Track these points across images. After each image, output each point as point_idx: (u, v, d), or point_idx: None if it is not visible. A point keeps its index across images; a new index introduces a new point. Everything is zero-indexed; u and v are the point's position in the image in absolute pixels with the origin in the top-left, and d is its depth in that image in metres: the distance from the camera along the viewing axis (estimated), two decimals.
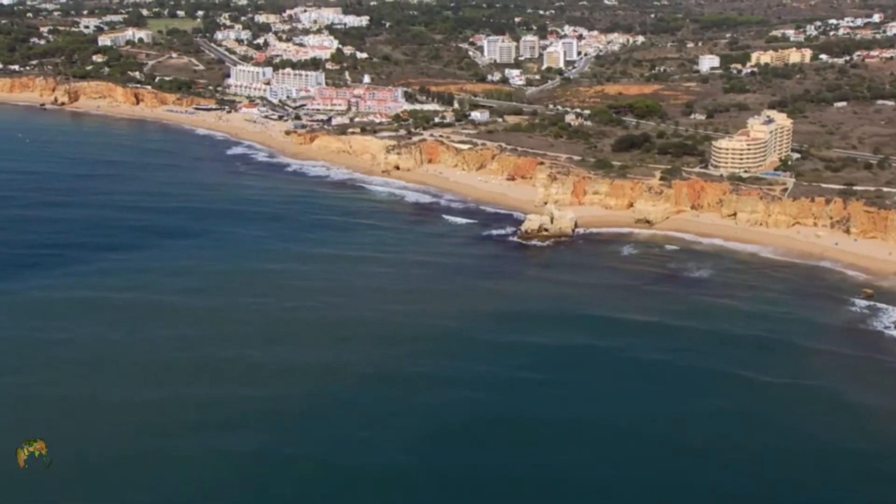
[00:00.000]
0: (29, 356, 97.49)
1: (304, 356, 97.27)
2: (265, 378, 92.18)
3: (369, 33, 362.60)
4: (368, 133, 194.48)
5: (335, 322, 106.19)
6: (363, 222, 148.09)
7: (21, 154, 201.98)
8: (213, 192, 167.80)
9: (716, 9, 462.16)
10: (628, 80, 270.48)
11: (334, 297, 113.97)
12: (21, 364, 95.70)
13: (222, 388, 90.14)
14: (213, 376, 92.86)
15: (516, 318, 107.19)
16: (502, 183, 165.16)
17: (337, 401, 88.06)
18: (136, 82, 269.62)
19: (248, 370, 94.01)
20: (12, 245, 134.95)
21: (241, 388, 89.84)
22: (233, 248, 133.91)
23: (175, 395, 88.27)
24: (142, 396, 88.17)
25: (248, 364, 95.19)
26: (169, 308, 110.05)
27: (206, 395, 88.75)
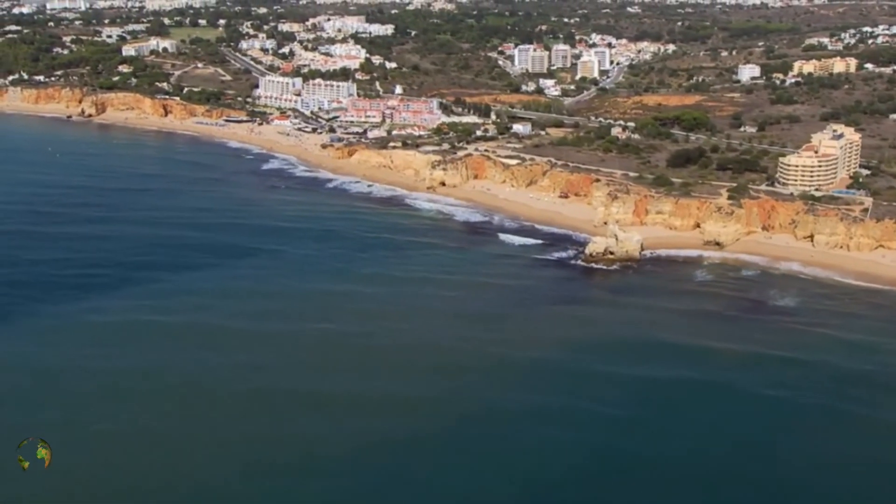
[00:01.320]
0: (96, 388, 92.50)
1: (383, 388, 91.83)
2: (347, 412, 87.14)
3: (395, 42, 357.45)
4: (410, 147, 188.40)
5: (408, 349, 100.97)
6: (416, 241, 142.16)
7: (54, 168, 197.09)
8: (257, 208, 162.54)
9: (741, 16, 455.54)
10: (666, 90, 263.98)
11: (402, 321, 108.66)
12: (89, 398, 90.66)
13: (304, 423, 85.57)
14: (294, 410, 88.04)
15: (598, 346, 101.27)
16: (555, 201, 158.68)
17: (430, 439, 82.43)
18: (164, 93, 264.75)
19: (327, 403, 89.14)
20: (60, 265, 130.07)
21: (323, 423, 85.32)
22: (288, 267, 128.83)
23: (262, 432, 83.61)
24: (230, 432, 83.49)
25: (326, 396, 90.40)
26: (233, 334, 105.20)
27: (289, 431, 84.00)
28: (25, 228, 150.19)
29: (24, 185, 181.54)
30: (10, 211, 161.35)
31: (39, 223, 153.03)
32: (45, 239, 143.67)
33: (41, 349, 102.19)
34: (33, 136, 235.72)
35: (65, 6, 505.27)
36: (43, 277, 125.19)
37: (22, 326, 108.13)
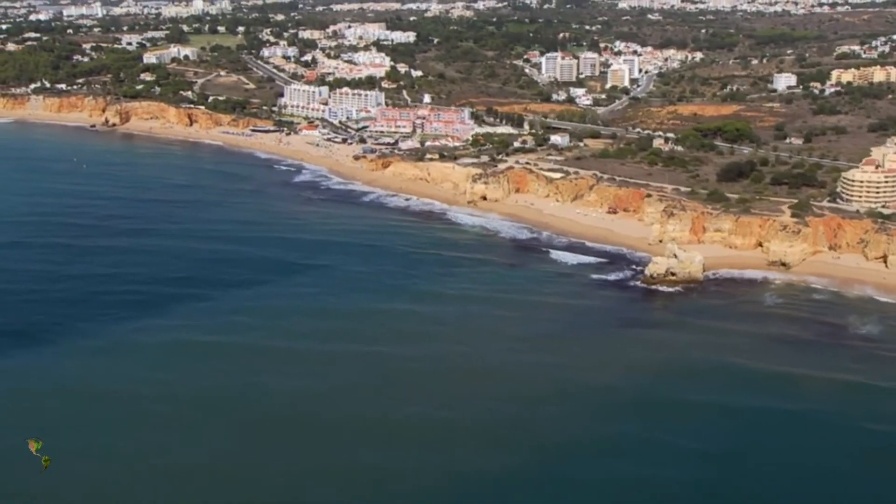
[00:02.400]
0: (147, 414, 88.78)
1: (449, 415, 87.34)
2: (414, 442, 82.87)
3: (417, 49, 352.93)
4: (448, 160, 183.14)
5: (472, 373, 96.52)
6: (464, 258, 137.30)
7: (82, 179, 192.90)
8: (296, 222, 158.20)
9: (764, 23, 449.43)
10: (701, 99, 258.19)
11: (461, 343, 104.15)
12: (142, 426, 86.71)
13: (370, 453, 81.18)
14: (358, 439, 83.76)
15: (673, 372, 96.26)
16: (604, 217, 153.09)
17: (507, 473, 77.60)
18: (189, 102, 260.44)
19: (392, 431, 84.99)
20: (101, 281, 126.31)
21: (391, 454, 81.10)
22: (336, 284, 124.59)
23: (329, 462, 79.64)
24: (295, 463, 79.38)
25: (390, 423, 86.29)
26: (286, 356, 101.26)
27: (356, 462, 79.89)
28: (61, 241, 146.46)
29: (53, 195, 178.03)
30: (43, 223, 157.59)
31: (74, 236, 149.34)
32: (83, 253, 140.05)
33: (90, 372, 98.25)
34: (58, 145, 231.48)
35: (81, 13, 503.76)
36: (84, 294, 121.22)
37: (68, 347, 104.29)
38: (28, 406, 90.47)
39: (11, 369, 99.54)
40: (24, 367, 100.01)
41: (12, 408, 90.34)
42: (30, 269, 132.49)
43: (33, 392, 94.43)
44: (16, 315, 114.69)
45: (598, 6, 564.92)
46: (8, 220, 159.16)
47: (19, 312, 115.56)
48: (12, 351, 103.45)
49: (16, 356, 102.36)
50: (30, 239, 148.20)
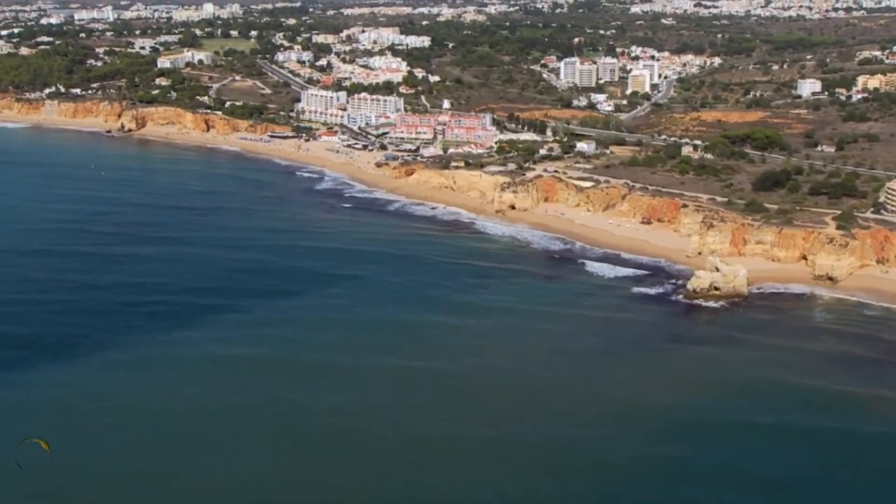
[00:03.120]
0: (186, 432, 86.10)
1: (502, 435, 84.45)
2: (469, 463, 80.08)
3: (433, 54, 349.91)
4: (474, 168, 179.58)
5: (519, 390, 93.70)
6: (498, 268, 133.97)
7: (102, 185, 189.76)
8: (323, 231, 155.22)
9: (779, 28, 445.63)
10: (724, 105, 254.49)
11: (505, 358, 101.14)
12: (181, 444, 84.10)
13: (422, 474, 79.03)
14: (409, 458, 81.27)
15: (733, 391, 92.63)
16: (638, 227, 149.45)
17: (578, 500, 74.98)
18: (206, 108, 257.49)
19: (442, 450, 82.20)
20: (129, 290, 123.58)
21: (444, 475, 78.54)
22: (369, 295, 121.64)
23: (383, 484, 77.19)
24: (347, 486, 76.87)
25: (440, 441, 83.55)
26: (325, 369, 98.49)
27: (408, 483, 77.34)
28: (83, 249, 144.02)
29: (73, 202, 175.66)
30: (64, 230, 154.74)
31: (97, 243, 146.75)
32: (107, 261, 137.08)
33: (122, 387, 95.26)
34: (74, 151, 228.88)
35: (93, 17, 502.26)
36: (112, 305, 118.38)
37: (99, 361, 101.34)
38: (60, 422, 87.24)
39: (40, 383, 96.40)
40: (53, 381, 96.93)
41: (43, 424, 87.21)
42: (54, 279, 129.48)
43: (64, 408, 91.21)
44: (43, 326, 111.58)
45: (609, 10, 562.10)
46: (29, 228, 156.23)
47: (46, 324, 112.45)
48: (41, 364, 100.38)
49: (44, 370, 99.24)
50: (52, 247, 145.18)
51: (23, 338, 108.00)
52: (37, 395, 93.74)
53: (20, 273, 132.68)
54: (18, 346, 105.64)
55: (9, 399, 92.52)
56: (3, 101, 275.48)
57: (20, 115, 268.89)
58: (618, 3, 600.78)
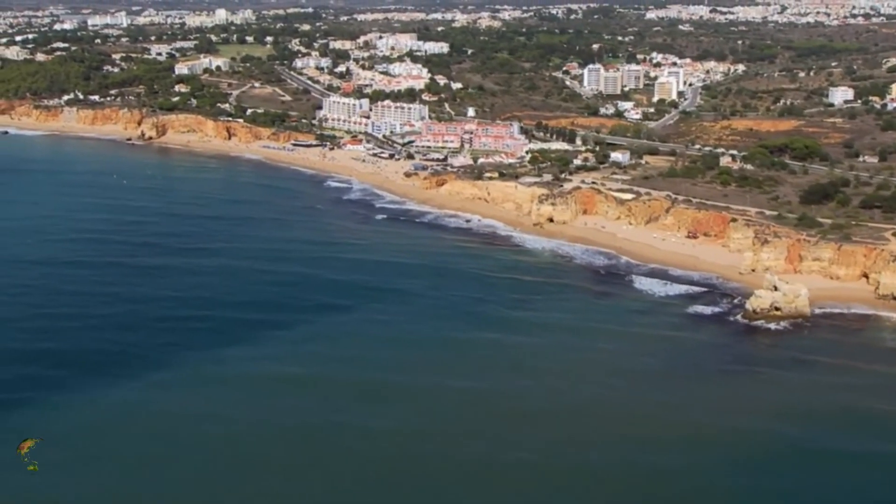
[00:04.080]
0: (239, 457, 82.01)
1: (571, 459, 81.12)
2: (540, 490, 76.38)
3: (451, 60, 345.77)
4: (509, 178, 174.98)
5: (584, 413, 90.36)
6: (542, 284, 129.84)
7: (129, 194, 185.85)
8: (357, 242, 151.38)
9: (798, 35, 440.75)
10: (755, 113, 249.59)
11: (563, 378, 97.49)
12: (245, 468, 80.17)
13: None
14: (475, 485, 78.04)
15: (814, 416, 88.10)
16: (684, 242, 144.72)
17: None
18: (227, 115, 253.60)
19: (512, 476, 78.89)
20: (169, 304, 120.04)
21: None
22: (413, 310, 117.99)
23: None
24: None
25: (509, 468, 79.81)
26: (378, 389, 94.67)
27: None
28: (113, 260, 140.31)
29: (97, 211, 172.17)
30: (91, 241, 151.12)
31: (126, 254, 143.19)
32: (139, 273, 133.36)
33: (169, 408, 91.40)
34: (95, 159, 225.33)
35: (106, 22, 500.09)
36: (150, 320, 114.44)
37: (141, 380, 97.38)
38: (106, 448, 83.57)
39: (82, 405, 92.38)
40: (95, 403, 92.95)
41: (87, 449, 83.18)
42: (86, 292, 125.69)
43: (106, 430, 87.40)
44: (79, 342, 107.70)
45: (624, 17, 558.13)
46: (57, 239, 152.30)
47: (82, 340, 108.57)
48: (81, 384, 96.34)
49: (85, 390, 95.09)
50: (82, 258, 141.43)
51: (60, 355, 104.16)
52: (79, 417, 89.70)
53: (51, 285, 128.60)
54: (56, 363, 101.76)
55: (51, 422, 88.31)
56: (22, 108, 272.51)
57: (38, 122, 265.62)
58: (632, 10, 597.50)
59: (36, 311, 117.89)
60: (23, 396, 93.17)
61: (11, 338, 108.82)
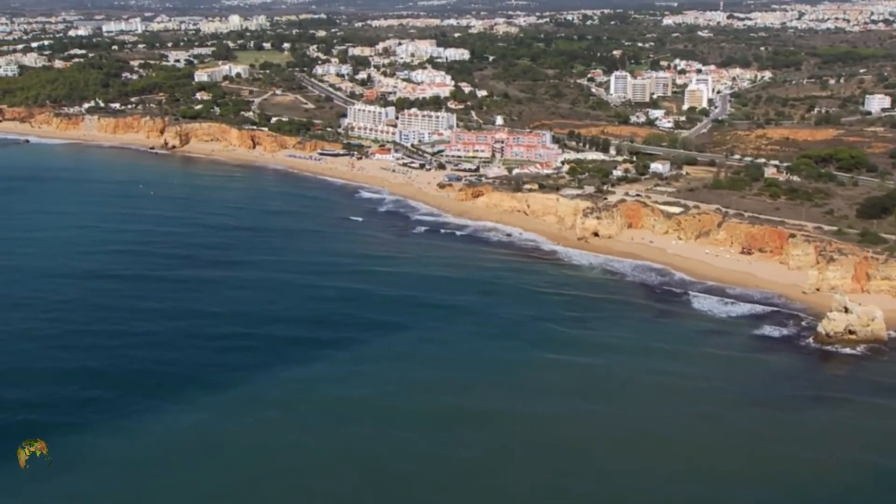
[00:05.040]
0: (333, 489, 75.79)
1: (677, 495, 76.35)
2: None
3: (473, 67, 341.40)
4: (549, 190, 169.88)
5: (666, 441, 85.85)
6: (597, 301, 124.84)
7: (154, 205, 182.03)
8: (399, 255, 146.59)
9: (819, 41, 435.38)
10: (790, 122, 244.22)
11: (635, 404, 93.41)
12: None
13: None
14: None
15: None
16: (738, 258, 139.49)
17: None
18: (251, 123, 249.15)
19: None
20: (210, 320, 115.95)
21: None
22: (470, 328, 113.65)
23: None
24: None
25: None
26: (448, 415, 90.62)
27: None
28: (149, 273, 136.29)
29: (126, 222, 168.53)
30: (124, 252, 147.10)
31: (162, 267, 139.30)
32: (182, 288, 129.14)
33: (238, 436, 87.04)
34: (119, 169, 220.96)
35: (121, 29, 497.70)
36: (196, 337, 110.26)
37: (201, 403, 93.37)
38: (176, 479, 79.35)
39: (139, 431, 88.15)
40: (149, 427, 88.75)
41: (154, 481, 78.95)
42: (126, 307, 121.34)
43: (167, 458, 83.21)
44: (123, 361, 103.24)
45: (641, 22, 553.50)
46: (88, 251, 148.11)
47: (125, 358, 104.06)
48: (133, 407, 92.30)
49: (139, 414, 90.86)
50: (117, 271, 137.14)
51: (105, 375, 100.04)
52: (138, 445, 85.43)
53: (89, 300, 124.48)
54: (102, 384, 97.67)
55: (108, 450, 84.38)
56: (42, 117, 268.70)
57: (59, 130, 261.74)
58: (648, 16, 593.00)
59: (75, 328, 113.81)
60: (74, 420, 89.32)
61: (52, 356, 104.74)
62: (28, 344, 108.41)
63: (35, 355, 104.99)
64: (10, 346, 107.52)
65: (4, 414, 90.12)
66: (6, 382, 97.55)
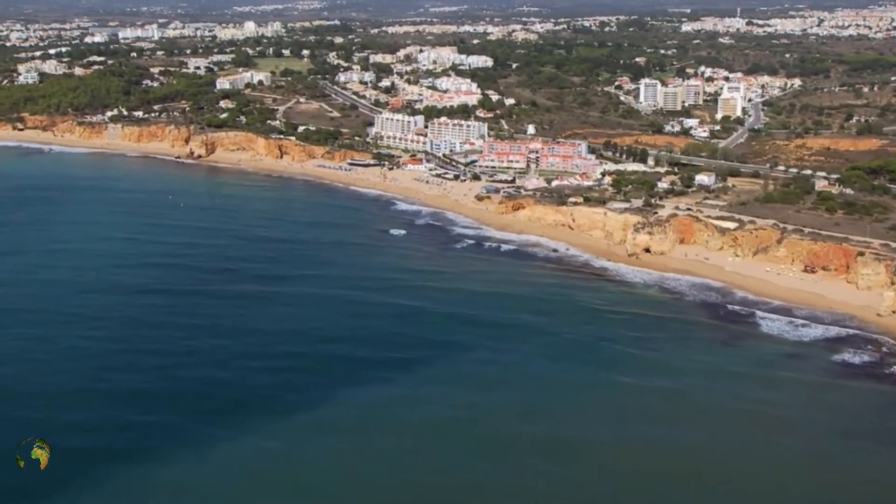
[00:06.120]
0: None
1: None
2: None
3: (496, 75, 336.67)
4: (595, 204, 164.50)
5: (768, 473, 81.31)
6: (660, 320, 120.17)
7: (185, 217, 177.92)
8: (448, 271, 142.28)
9: (843, 48, 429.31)
10: (829, 131, 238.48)
11: (726, 430, 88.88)
12: None
13: None
14: None
15: None
16: (802, 277, 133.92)
17: None
18: (278, 133, 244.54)
19: None
20: (273, 337, 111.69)
21: None
22: (543, 348, 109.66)
23: None
24: None
25: None
26: (553, 445, 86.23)
27: None
28: (194, 288, 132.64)
29: (161, 234, 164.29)
30: (165, 266, 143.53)
31: (206, 281, 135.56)
32: (231, 305, 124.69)
33: (316, 464, 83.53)
34: (146, 179, 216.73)
35: (137, 35, 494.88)
36: (253, 356, 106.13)
37: (270, 429, 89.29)
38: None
39: (201, 457, 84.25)
40: (217, 454, 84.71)
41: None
42: (169, 323, 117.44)
43: (240, 490, 78.67)
44: (174, 382, 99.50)
45: (660, 29, 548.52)
46: (122, 264, 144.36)
47: (174, 380, 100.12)
48: (194, 433, 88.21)
49: (198, 439, 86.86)
50: (155, 285, 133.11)
51: (159, 398, 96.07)
52: (202, 475, 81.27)
53: (130, 315, 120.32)
54: (157, 408, 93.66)
55: (170, 480, 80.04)
56: (65, 125, 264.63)
57: (82, 139, 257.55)
58: (665, 22, 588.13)
59: (120, 347, 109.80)
60: (132, 447, 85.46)
61: (101, 377, 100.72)
62: (76, 364, 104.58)
63: (84, 375, 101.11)
64: (59, 366, 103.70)
65: (60, 439, 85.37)
66: (57, 405, 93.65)
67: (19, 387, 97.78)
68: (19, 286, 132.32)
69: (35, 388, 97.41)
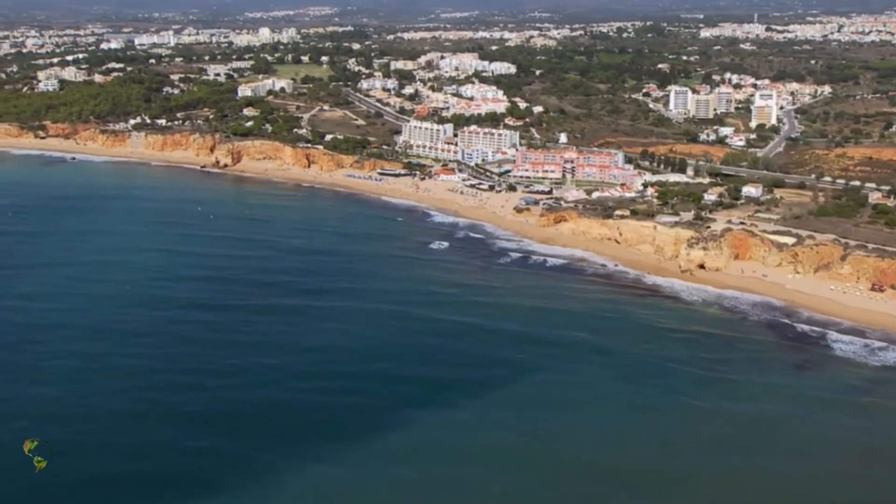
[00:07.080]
0: None
1: None
2: None
3: (520, 82, 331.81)
4: (644, 217, 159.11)
5: None
6: (727, 339, 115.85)
7: (217, 228, 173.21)
8: (498, 286, 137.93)
9: (866, 54, 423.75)
10: (870, 140, 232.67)
11: (833, 462, 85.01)
12: None
13: None
14: None
15: None
16: (869, 295, 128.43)
17: None
18: (305, 141, 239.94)
19: None
20: (326, 355, 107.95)
21: None
22: (611, 370, 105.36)
23: None
24: None
25: None
26: (643, 477, 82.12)
27: None
28: (234, 303, 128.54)
29: (194, 246, 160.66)
30: (203, 279, 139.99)
31: (246, 295, 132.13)
32: (275, 321, 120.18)
33: (378, 498, 79.20)
34: (173, 189, 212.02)
35: (153, 41, 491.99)
36: (312, 377, 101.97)
37: (335, 455, 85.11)
38: None
39: (256, 488, 79.52)
40: (270, 484, 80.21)
41: None
42: (218, 340, 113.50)
43: None
44: (223, 405, 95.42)
45: (679, 35, 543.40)
46: (156, 276, 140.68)
47: (225, 402, 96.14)
48: (244, 457, 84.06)
49: (254, 467, 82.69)
50: (193, 299, 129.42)
51: (211, 421, 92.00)
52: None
53: (171, 331, 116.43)
54: (212, 432, 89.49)
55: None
56: (87, 133, 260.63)
57: (105, 147, 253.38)
58: (684, 28, 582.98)
59: (167, 366, 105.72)
60: (192, 475, 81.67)
61: (149, 399, 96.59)
62: (124, 382, 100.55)
63: (135, 398, 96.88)
64: (109, 386, 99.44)
65: (116, 464, 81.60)
66: (108, 428, 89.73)
67: (69, 410, 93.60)
68: (62, 300, 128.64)
69: (86, 411, 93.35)
